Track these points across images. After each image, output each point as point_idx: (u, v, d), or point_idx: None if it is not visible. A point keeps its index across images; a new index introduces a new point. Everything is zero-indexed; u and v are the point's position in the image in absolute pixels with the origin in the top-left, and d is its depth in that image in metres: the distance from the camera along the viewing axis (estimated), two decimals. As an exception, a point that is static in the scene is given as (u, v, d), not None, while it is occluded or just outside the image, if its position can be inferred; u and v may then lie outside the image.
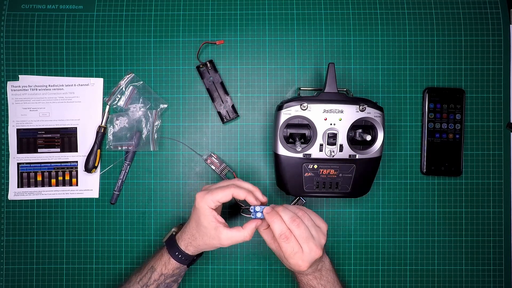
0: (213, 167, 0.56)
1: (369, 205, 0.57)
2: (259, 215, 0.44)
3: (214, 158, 0.56)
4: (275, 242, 0.45)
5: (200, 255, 0.51)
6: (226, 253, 0.57)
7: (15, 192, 0.57)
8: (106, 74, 0.57)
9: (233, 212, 0.57)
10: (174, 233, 0.50)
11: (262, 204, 0.45)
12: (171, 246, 0.48)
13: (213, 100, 0.57)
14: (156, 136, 0.56)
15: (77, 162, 0.57)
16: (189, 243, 0.47)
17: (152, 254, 0.52)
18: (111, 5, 0.58)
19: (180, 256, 0.48)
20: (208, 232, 0.44)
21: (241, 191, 0.44)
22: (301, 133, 0.50)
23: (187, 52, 0.58)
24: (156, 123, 0.57)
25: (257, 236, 0.57)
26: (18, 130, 0.57)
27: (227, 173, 0.57)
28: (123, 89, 0.57)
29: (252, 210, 0.45)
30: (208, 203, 0.44)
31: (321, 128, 0.49)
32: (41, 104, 0.57)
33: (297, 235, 0.42)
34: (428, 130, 0.57)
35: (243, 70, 0.58)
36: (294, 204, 0.56)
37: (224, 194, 0.44)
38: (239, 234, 0.44)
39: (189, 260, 0.49)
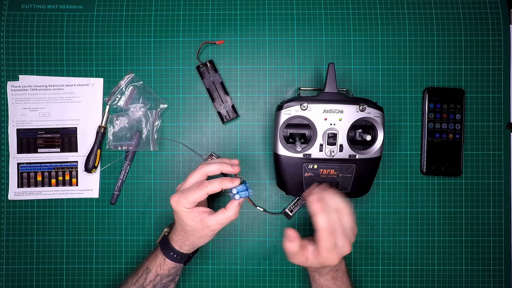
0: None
1: (369, 205, 0.57)
2: (237, 197, 0.44)
3: (215, 157, 0.56)
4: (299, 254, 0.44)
5: (195, 251, 0.51)
6: (226, 253, 0.57)
7: (15, 192, 0.57)
8: (106, 74, 0.57)
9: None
10: (166, 234, 0.50)
11: (240, 179, 0.45)
12: (165, 246, 0.48)
13: (213, 100, 0.57)
14: (156, 136, 0.56)
15: (77, 162, 0.57)
16: (183, 242, 0.47)
17: (147, 255, 0.52)
18: (111, 5, 0.58)
19: (175, 255, 0.48)
20: (196, 227, 0.44)
21: (215, 184, 0.43)
22: (301, 133, 0.50)
23: (187, 52, 0.58)
24: (156, 123, 0.57)
25: (257, 236, 0.57)
26: (18, 130, 0.57)
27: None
28: (123, 89, 0.57)
29: (230, 193, 0.45)
30: (184, 205, 0.43)
31: (321, 128, 0.49)
32: (41, 104, 0.57)
33: (342, 230, 0.41)
34: (428, 130, 0.57)
35: (243, 70, 0.58)
36: (295, 204, 0.56)
37: (197, 195, 0.43)
38: (225, 216, 0.44)
39: (185, 259, 0.49)
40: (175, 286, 0.51)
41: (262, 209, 0.48)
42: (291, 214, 0.56)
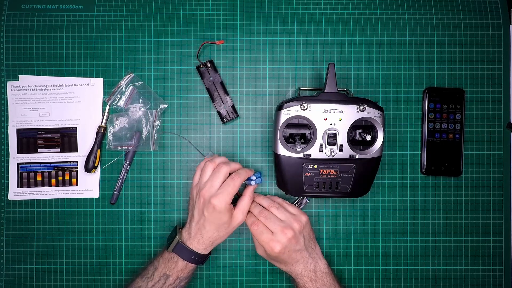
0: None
1: (369, 205, 0.57)
2: (252, 183, 0.51)
3: (214, 158, 0.56)
4: (259, 247, 0.50)
5: None
6: (226, 253, 0.57)
7: (15, 192, 0.57)
8: (106, 74, 0.57)
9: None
10: (179, 241, 0.50)
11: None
12: (185, 253, 0.49)
13: (213, 100, 0.57)
14: (156, 136, 0.56)
15: (77, 162, 0.57)
16: (211, 244, 0.49)
17: (158, 263, 0.50)
18: (111, 5, 0.58)
19: (196, 258, 0.49)
20: (228, 223, 0.48)
21: (243, 175, 0.49)
22: (301, 133, 0.50)
23: (187, 52, 0.58)
24: (156, 123, 0.57)
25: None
26: (18, 130, 0.57)
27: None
28: (123, 89, 0.57)
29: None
30: (228, 202, 0.47)
31: (321, 128, 0.49)
32: (41, 104, 0.57)
33: (263, 220, 0.48)
34: (428, 130, 0.57)
35: (243, 70, 0.58)
36: (297, 203, 0.56)
37: (236, 187, 0.47)
38: (244, 202, 0.49)
39: (204, 258, 0.50)
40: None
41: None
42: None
